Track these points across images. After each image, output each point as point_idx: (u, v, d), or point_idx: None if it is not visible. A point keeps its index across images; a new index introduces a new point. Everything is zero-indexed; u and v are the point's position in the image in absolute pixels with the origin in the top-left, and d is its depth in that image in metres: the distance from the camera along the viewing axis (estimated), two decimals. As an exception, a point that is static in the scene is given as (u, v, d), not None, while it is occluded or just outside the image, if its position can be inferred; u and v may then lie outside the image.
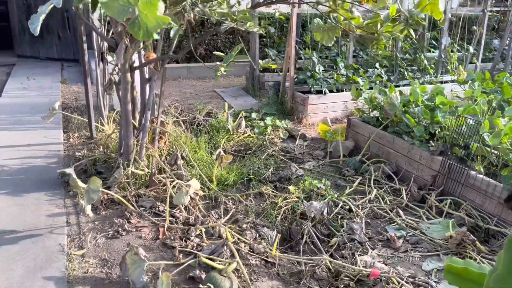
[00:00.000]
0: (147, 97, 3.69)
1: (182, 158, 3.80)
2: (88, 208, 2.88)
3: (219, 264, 2.60)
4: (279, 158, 4.36)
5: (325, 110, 5.65)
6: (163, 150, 3.92)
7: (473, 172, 3.32)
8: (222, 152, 3.43)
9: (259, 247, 2.77)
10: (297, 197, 3.39)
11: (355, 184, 3.79)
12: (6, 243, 2.87)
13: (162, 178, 3.53)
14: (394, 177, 3.90)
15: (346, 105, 5.74)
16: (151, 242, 2.95)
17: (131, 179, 3.53)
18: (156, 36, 2.26)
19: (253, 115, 5.44)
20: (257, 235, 2.95)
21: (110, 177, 3.55)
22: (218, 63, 3.12)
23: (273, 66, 3.70)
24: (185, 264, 2.66)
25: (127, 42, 3.13)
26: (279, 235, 2.94)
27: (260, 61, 3.57)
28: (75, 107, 5.80)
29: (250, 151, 4.51)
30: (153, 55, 3.37)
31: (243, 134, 4.79)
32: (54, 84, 6.98)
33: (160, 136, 3.89)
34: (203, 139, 4.40)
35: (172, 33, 3.27)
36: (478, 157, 3.39)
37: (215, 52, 3.56)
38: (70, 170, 3.15)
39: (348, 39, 5.88)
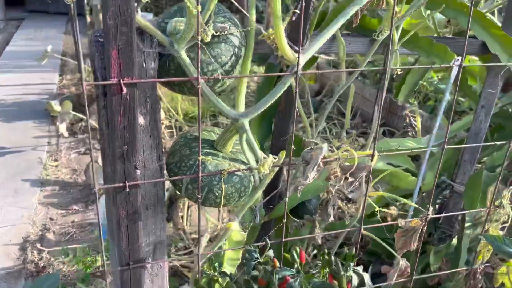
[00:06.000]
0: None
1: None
2: (62, 127, 3.39)
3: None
4: (248, 99, 4.77)
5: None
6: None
7: (407, 105, 3.67)
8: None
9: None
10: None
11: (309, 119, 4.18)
12: (-5, 156, 3.43)
13: (133, 109, 4.01)
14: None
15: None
16: (115, 157, 3.47)
17: (107, 110, 4.04)
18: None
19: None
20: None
21: (90, 109, 4.06)
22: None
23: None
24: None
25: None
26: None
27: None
28: (74, 54, 6.29)
29: (223, 92, 4.93)
30: None
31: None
32: (58, 35, 7.47)
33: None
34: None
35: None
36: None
37: None
38: (54, 102, 3.66)
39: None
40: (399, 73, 1.36)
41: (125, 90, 0.76)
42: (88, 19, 4.62)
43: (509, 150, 1.17)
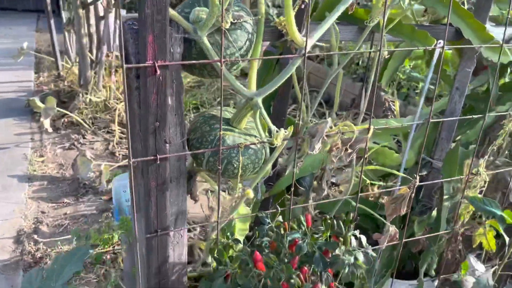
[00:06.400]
0: (101, 33, 4.13)
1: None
2: (46, 123, 3.40)
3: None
4: (228, 92, 4.86)
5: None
6: (119, 81, 4.41)
7: (382, 93, 3.85)
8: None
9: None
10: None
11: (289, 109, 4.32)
12: (-22, 153, 3.41)
13: (115, 104, 4.04)
14: (324, 104, 4.43)
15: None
16: (101, 152, 3.51)
17: (89, 105, 4.05)
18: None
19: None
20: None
21: (71, 104, 4.06)
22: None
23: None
24: (124, 162, 3.22)
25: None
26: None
27: None
28: (48, 52, 6.21)
29: (203, 85, 5.01)
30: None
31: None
32: (30, 32, 7.35)
33: (116, 70, 4.37)
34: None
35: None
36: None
37: None
38: (35, 98, 3.65)
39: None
40: (386, 56, 1.50)
41: (158, 71, 0.86)
42: (65, 15, 4.60)
43: (483, 124, 1.32)
